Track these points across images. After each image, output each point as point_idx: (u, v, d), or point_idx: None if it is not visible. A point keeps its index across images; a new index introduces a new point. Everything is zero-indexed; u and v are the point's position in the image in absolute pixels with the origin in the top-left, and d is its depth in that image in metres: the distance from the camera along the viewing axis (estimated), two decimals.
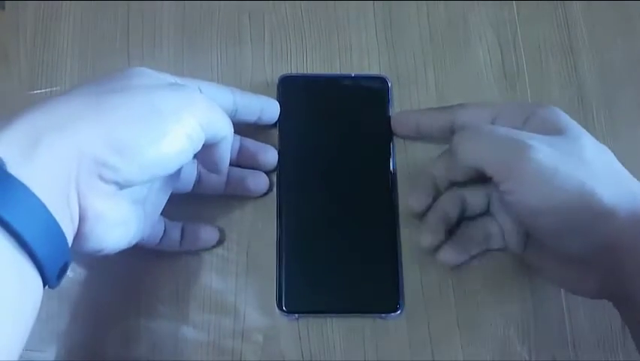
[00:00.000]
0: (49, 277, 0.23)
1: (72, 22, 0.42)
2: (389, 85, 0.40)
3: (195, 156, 0.28)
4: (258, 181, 0.37)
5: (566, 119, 0.32)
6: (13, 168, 0.22)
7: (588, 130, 0.32)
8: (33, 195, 0.22)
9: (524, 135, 0.31)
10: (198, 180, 0.36)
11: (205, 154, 0.30)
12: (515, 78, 0.42)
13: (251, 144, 0.37)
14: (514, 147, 0.30)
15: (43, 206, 0.22)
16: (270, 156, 0.37)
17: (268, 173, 0.38)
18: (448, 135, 0.36)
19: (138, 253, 0.34)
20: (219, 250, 0.37)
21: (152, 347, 0.36)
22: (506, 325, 0.37)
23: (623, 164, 0.31)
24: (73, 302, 0.36)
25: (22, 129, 0.23)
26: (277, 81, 0.40)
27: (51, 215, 0.23)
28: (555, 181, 0.29)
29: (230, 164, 0.34)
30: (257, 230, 0.38)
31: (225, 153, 0.31)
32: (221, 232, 0.37)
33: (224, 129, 0.30)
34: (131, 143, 0.25)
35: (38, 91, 0.40)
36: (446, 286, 0.37)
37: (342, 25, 0.42)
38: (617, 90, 0.42)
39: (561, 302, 0.37)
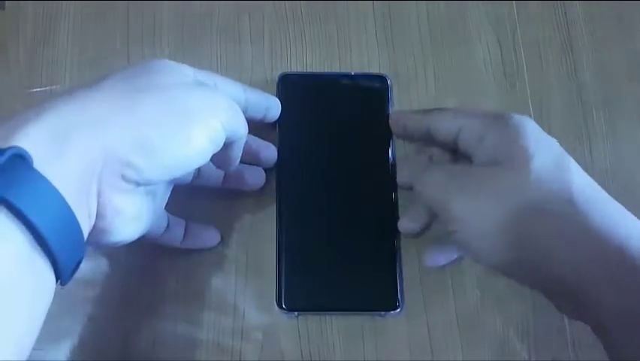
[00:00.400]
0: (63, 273, 0.23)
1: (72, 22, 0.42)
2: (389, 83, 0.40)
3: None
4: (256, 175, 0.37)
5: (519, 139, 0.30)
6: (39, 164, 0.22)
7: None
8: (55, 190, 0.22)
9: (463, 175, 0.31)
10: (197, 173, 0.36)
11: (219, 153, 0.30)
12: (515, 78, 0.42)
13: (252, 141, 0.37)
14: (450, 190, 0.31)
15: (65, 202, 0.22)
16: (270, 153, 0.37)
17: (267, 170, 0.38)
18: (427, 139, 0.36)
19: (139, 252, 0.34)
20: (219, 248, 0.37)
21: (152, 346, 0.36)
22: (506, 325, 0.37)
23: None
24: (73, 301, 0.36)
25: (51, 126, 0.23)
26: (277, 79, 0.40)
27: (71, 212, 0.22)
28: (491, 225, 0.29)
29: None
30: (257, 228, 0.38)
31: (239, 153, 0.31)
32: (221, 230, 0.37)
33: (242, 130, 0.30)
34: (157, 145, 0.25)
35: (38, 89, 0.40)
36: (446, 285, 0.37)
37: (342, 25, 0.42)
38: (617, 90, 0.42)
39: None
